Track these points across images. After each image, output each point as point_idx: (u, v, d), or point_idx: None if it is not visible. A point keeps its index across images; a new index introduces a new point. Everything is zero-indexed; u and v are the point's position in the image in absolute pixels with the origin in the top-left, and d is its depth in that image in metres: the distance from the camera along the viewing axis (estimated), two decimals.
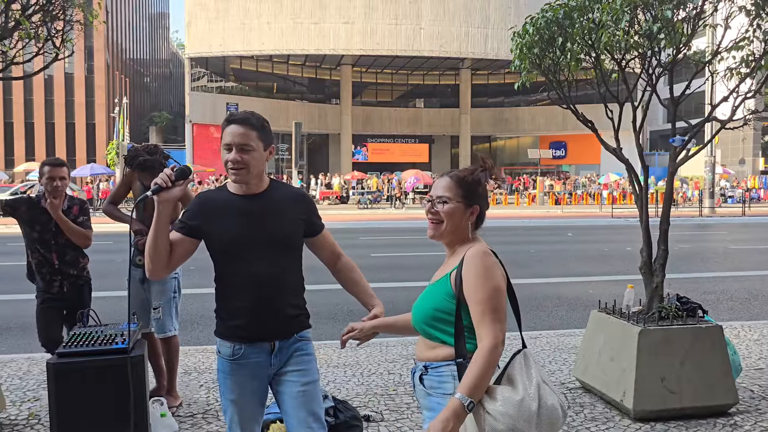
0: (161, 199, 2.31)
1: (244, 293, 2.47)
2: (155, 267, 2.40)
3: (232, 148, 2.40)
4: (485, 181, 2.21)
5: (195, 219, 2.46)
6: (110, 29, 56.48)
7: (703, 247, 15.27)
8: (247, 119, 2.44)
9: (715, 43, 4.48)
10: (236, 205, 2.46)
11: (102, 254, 13.00)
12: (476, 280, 2.03)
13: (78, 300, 4.33)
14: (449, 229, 2.18)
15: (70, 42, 5.23)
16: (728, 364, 4.35)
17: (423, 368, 2.15)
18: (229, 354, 2.50)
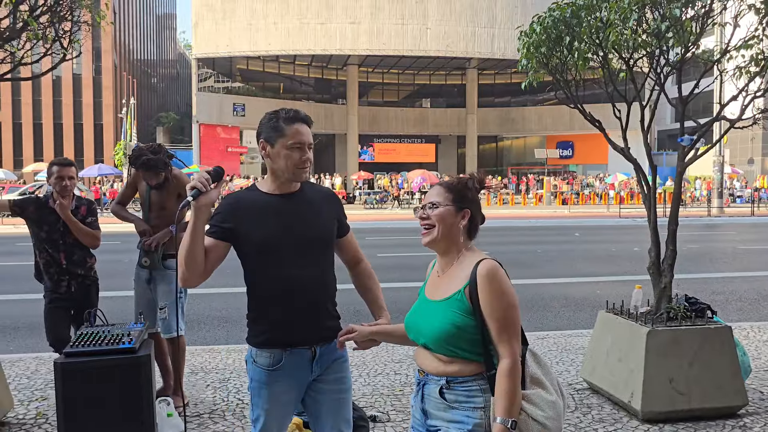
0: (199, 203, 2.23)
1: (284, 296, 2.36)
2: (191, 275, 2.28)
3: (304, 147, 2.36)
4: (473, 188, 2.21)
5: (228, 221, 2.35)
6: (118, 30, 56.72)
7: (712, 247, 15.19)
8: (309, 119, 2.42)
9: (724, 41, 4.45)
10: (273, 205, 2.38)
11: (109, 254, 13.04)
12: (492, 297, 2.05)
13: (85, 300, 4.34)
14: (442, 233, 2.16)
15: (77, 43, 5.24)
16: (737, 365, 4.31)
17: (446, 383, 2.11)
18: (268, 363, 2.38)
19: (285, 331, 2.36)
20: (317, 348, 2.40)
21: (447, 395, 2.11)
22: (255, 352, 2.41)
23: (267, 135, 2.37)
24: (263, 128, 2.39)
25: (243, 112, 43.81)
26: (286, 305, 2.35)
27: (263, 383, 2.39)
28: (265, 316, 2.39)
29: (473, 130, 47.84)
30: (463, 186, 2.20)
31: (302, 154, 2.35)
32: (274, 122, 2.36)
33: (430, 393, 2.16)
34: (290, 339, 2.37)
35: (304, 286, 2.37)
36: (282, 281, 2.34)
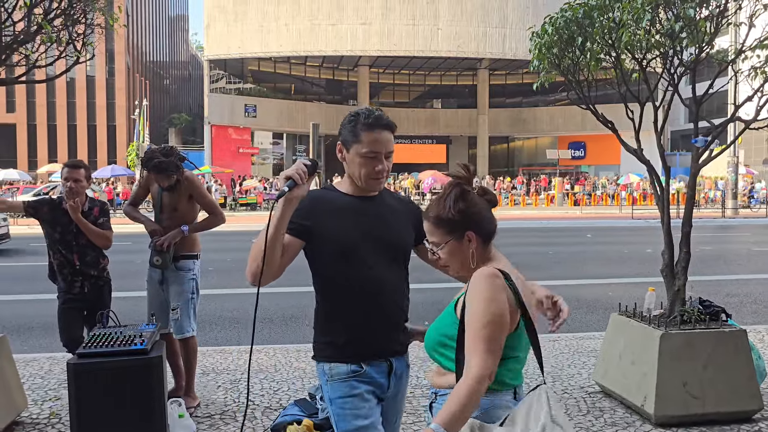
0: (291, 195, 2.05)
1: (366, 302, 2.21)
2: (268, 270, 2.07)
3: (380, 156, 2.20)
4: (460, 199, 1.96)
5: (308, 219, 2.19)
6: (130, 32, 57.13)
7: (726, 248, 15.05)
8: (392, 124, 2.24)
9: (739, 41, 4.41)
10: (352, 206, 2.25)
11: (121, 255, 13.13)
12: (475, 304, 1.84)
13: (98, 300, 4.37)
14: (458, 267, 2.01)
15: (91, 45, 5.28)
16: (753, 369, 4.27)
17: (434, 395, 2.03)
18: (348, 371, 2.20)
19: (365, 339, 2.21)
20: (393, 360, 2.28)
21: (434, 408, 2.03)
22: (329, 366, 2.22)
23: (344, 138, 2.24)
24: (343, 129, 2.25)
25: (254, 113, 43.95)
26: (367, 309, 2.21)
27: (347, 395, 2.19)
28: (341, 324, 2.22)
29: (484, 130, 47.71)
30: (447, 212, 1.96)
31: (377, 164, 2.20)
32: (353, 126, 2.21)
33: (427, 408, 2.10)
34: (370, 349, 2.22)
35: (384, 290, 2.24)
36: (364, 283, 2.20)
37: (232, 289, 9.56)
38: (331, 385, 2.21)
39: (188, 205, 4.52)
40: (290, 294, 9.09)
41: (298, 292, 9.15)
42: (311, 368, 5.44)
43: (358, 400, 2.19)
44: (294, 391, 4.84)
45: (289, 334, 6.92)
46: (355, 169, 2.22)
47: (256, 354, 5.88)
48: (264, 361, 5.66)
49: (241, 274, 7.12)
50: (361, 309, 2.21)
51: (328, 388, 2.22)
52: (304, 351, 5.96)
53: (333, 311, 2.24)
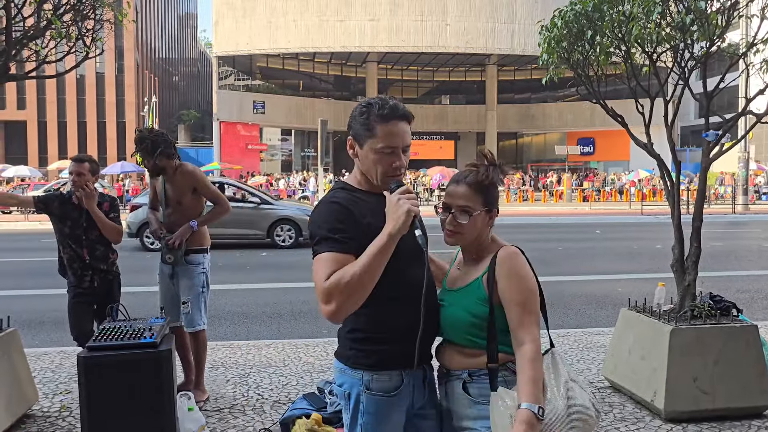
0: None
1: (407, 307, 1.98)
2: (356, 305, 1.87)
3: (397, 151, 1.99)
4: (498, 181, 2.09)
5: (355, 231, 1.93)
6: (139, 29, 57.32)
7: (737, 244, 14.94)
8: (409, 114, 2.02)
9: (751, 34, 4.36)
10: (381, 204, 1.95)
11: (131, 250, 13.22)
12: (513, 281, 1.98)
13: (108, 294, 4.40)
14: (470, 239, 2.09)
15: (100, 41, 5.29)
16: (764, 364, 4.24)
17: (468, 376, 2.04)
18: (388, 388, 2.01)
19: (407, 344, 1.98)
20: (425, 368, 2.13)
21: (471, 389, 2.04)
22: (370, 377, 2.01)
23: (356, 132, 2.01)
24: (353, 122, 2.02)
25: (263, 110, 44.03)
26: (407, 317, 1.98)
27: (382, 415, 2.02)
28: (383, 329, 2.01)
29: (493, 126, 47.59)
30: (491, 184, 2.08)
31: (394, 160, 1.98)
32: (365, 118, 1.98)
33: (453, 390, 2.08)
34: (409, 360, 2.00)
35: (424, 296, 1.99)
36: (405, 289, 2.00)
37: (240, 284, 9.58)
38: (368, 396, 2.02)
39: (192, 199, 4.54)
40: (300, 289, 9.12)
41: (306, 287, 9.17)
42: (320, 363, 5.45)
43: (392, 425, 2.05)
44: (303, 386, 4.85)
45: (299, 329, 6.93)
46: (371, 167, 2.00)
47: (264, 348, 5.90)
48: (273, 355, 5.68)
49: (249, 270, 7.21)
50: (405, 315, 1.99)
51: (364, 399, 2.02)
52: (312, 346, 5.97)
53: (375, 317, 2.00)
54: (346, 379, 2.06)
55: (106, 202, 4.44)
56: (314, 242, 1.95)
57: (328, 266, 1.86)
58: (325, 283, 1.83)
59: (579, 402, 1.97)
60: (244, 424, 4.12)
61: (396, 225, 1.84)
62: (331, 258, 1.88)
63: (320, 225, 1.95)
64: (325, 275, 1.84)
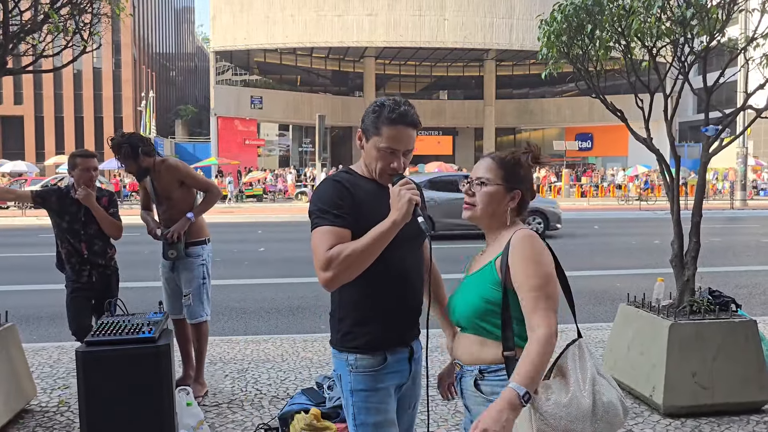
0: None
1: (396, 291, 2.16)
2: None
3: (397, 153, 2.12)
4: (527, 164, 2.06)
5: (352, 208, 2.09)
6: (137, 24, 57.12)
7: (735, 240, 14.97)
8: (417, 121, 2.14)
9: (750, 29, 4.35)
10: (380, 193, 2.13)
11: (129, 245, 13.18)
12: (526, 264, 1.90)
13: (106, 289, 4.39)
14: (486, 213, 2.05)
15: (97, 35, 5.27)
16: (762, 359, 4.24)
17: (479, 373, 2.00)
18: (373, 365, 2.14)
19: (395, 330, 2.17)
20: (412, 345, 2.26)
21: (482, 387, 2.00)
22: (354, 357, 2.15)
23: (365, 127, 2.16)
24: (366, 117, 2.16)
25: (260, 105, 43.92)
26: (397, 299, 2.16)
27: (371, 390, 2.14)
28: (370, 314, 2.15)
29: (491, 122, 47.53)
30: (516, 162, 2.05)
31: (392, 160, 2.12)
32: (375, 117, 2.11)
33: (467, 386, 2.06)
34: (396, 339, 2.18)
35: (410, 277, 2.21)
36: (393, 272, 2.13)
37: (239, 279, 9.58)
38: (354, 375, 2.15)
39: (182, 192, 4.51)
40: (297, 285, 9.11)
41: (304, 283, 9.17)
42: (318, 358, 5.44)
43: (383, 395, 2.16)
44: (301, 381, 4.85)
45: (296, 324, 6.93)
46: (371, 161, 2.16)
47: (263, 344, 5.90)
48: (271, 350, 5.67)
49: (247, 265, 7.19)
50: (391, 299, 2.16)
51: (351, 379, 2.16)
52: (311, 341, 5.97)
53: (362, 301, 2.15)
54: (336, 362, 2.23)
55: (104, 197, 4.42)
56: (316, 215, 2.09)
57: (329, 238, 2.03)
58: (327, 253, 2.00)
59: (606, 399, 1.85)
60: (243, 419, 4.11)
61: (400, 213, 2.00)
62: (332, 231, 2.04)
63: (323, 200, 2.10)
64: (328, 245, 2.01)
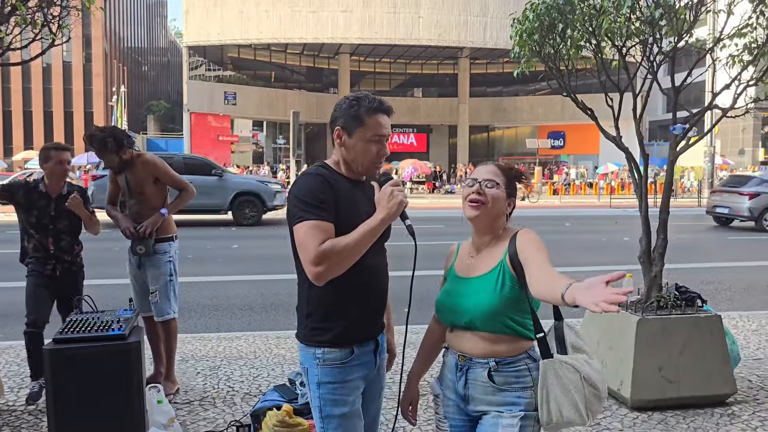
0: None
1: (364, 288, 2.23)
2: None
3: (383, 140, 2.24)
4: (520, 179, 2.31)
5: (332, 204, 2.13)
6: (108, 18, 56.17)
7: (702, 237, 15.28)
8: (391, 109, 2.29)
9: (717, 30, 4.45)
10: (354, 191, 2.22)
11: (100, 242, 12.98)
12: (537, 244, 2.12)
13: (71, 286, 4.33)
14: (492, 213, 2.20)
15: (66, 28, 5.17)
16: (727, 354, 4.34)
17: (495, 364, 2.12)
18: (340, 358, 2.19)
19: (361, 325, 2.24)
20: (378, 337, 2.33)
21: (496, 378, 2.12)
22: (321, 351, 2.19)
23: (345, 123, 2.20)
24: (341, 114, 2.21)
25: (234, 101, 43.56)
26: (365, 297, 2.24)
27: (339, 381, 2.19)
28: (338, 310, 2.19)
29: (465, 119, 47.77)
30: (516, 175, 2.29)
31: (380, 147, 2.23)
32: (355, 111, 2.19)
33: (476, 377, 2.15)
34: (363, 333, 2.25)
35: (380, 278, 2.30)
36: (362, 272, 2.17)
37: (212, 276, 9.50)
38: (321, 368, 2.20)
39: (155, 188, 4.46)
40: (271, 281, 9.07)
41: (278, 279, 9.13)
42: (291, 354, 5.43)
43: (350, 388, 2.21)
44: (274, 377, 4.84)
45: (270, 321, 6.90)
46: (358, 155, 2.21)
47: (235, 341, 5.86)
48: (244, 347, 5.64)
49: (220, 262, 7.10)
50: (359, 295, 2.22)
51: (318, 372, 2.20)
52: (284, 338, 5.95)
53: (330, 297, 2.18)
54: (303, 356, 2.26)
55: (75, 192, 4.36)
56: (300, 208, 2.10)
57: (318, 232, 2.06)
58: (319, 248, 2.03)
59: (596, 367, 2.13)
60: (215, 416, 4.09)
61: (389, 212, 2.07)
62: (320, 225, 2.07)
63: (306, 194, 2.12)
64: (319, 240, 2.04)
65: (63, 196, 4.28)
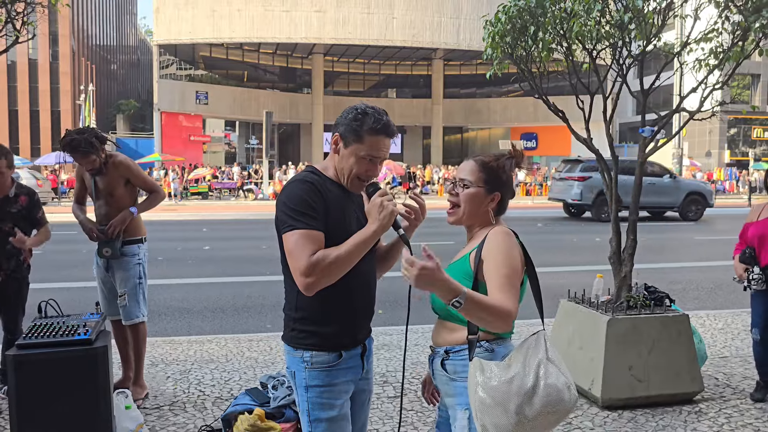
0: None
1: (354, 293, 2.22)
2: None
3: (376, 161, 2.19)
4: (510, 170, 2.21)
5: (321, 211, 2.11)
6: (75, 14, 55.17)
7: (670, 237, 15.54)
8: (395, 132, 2.25)
9: (685, 34, 4.52)
10: (345, 197, 2.21)
11: (67, 244, 12.73)
12: (498, 256, 2.04)
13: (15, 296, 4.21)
14: (467, 214, 2.19)
15: (31, 25, 5.05)
16: (694, 352, 4.42)
17: (444, 353, 2.13)
18: (328, 361, 2.18)
19: (349, 329, 2.23)
20: (366, 342, 2.32)
21: (447, 366, 2.14)
22: (309, 355, 2.18)
23: (344, 133, 2.17)
24: (344, 123, 2.18)
25: (206, 101, 43.11)
26: (354, 302, 2.23)
27: (326, 385, 2.18)
28: (328, 315, 2.18)
29: (439, 120, 47.97)
30: (499, 168, 2.20)
31: (370, 167, 2.18)
32: (357, 125, 2.15)
33: (436, 367, 2.20)
34: (351, 338, 2.24)
35: (369, 283, 2.29)
36: (352, 278, 2.14)
37: (183, 278, 9.37)
38: (309, 372, 2.18)
39: (125, 191, 4.37)
40: (243, 284, 8.99)
41: (250, 282, 9.05)
42: (263, 357, 5.38)
43: (337, 391, 2.20)
44: (246, 381, 4.78)
45: (241, 324, 6.83)
46: (346, 167, 2.18)
47: (206, 344, 5.79)
48: (215, 351, 5.57)
49: (190, 264, 6.98)
50: (349, 301, 2.21)
51: (306, 375, 2.19)
52: (256, 340, 5.89)
53: (319, 301, 2.15)
54: (290, 359, 2.23)
55: (23, 195, 4.22)
56: (290, 216, 2.07)
57: (309, 242, 2.04)
58: (310, 259, 2.01)
59: (551, 381, 1.93)
60: (185, 421, 4.03)
61: (381, 224, 2.05)
62: (310, 235, 2.05)
63: (296, 201, 2.09)
64: (310, 251, 2.03)
65: (8, 198, 4.15)
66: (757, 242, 4.36)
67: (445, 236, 1.82)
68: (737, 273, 4.48)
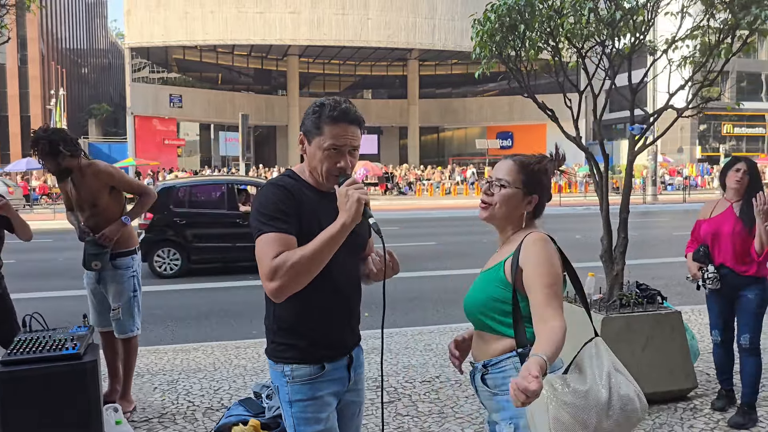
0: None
1: (335, 302, 2.12)
2: (299, 286, 1.95)
3: (342, 151, 2.05)
4: (551, 173, 2.14)
5: (297, 216, 2.01)
6: (45, 18, 54.15)
7: (649, 233, 15.71)
8: (360, 119, 2.09)
9: (671, 32, 4.53)
10: (323, 202, 2.09)
11: (43, 252, 12.43)
12: (540, 267, 1.94)
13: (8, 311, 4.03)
14: (501, 214, 2.10)
15: (4, 28, 4.91)
16: (687, 348, 4.42)
17: (482, 367, 2.04)
18: (310, 373, 2.09)
19: (330, 340, 2.13)
20: (353, 352, 2.23)
21: (488, 380, 2.05)
22: (289, 368, 2.09)
23: (306, 129, 2.09)
24: (306, 120, 2.10)
25: (180, 104, 42.63)
26: (335, 309, 2.13)
27: (309, 398, 2.09)
28: (308, 325, 2.09)
29: (415, 121, 48.05)
30: (541, 170, 2.12)
31: (338, 159, 2.05)
32: (316, 117, 2.05)
33: (477, 383, 2.10)
34: (334, 348, 2.14)
35: (350, 293, 2.18)
36: (331, 288, 2.08)
37: (160, 286, 9.20)
38: (291, 386, 2.10)
39: (110, 199, 4.15)
40: (228, 289, 8.86)
41: (235, 287, 8.92)
42: (252, 365, 5.28)
43: (321, 404, 2.11)
44: (236, 390, 4.68)
45: (228, 331, 6.70)
46: (317, 164, 2.07)
47: (193, 352, 5.67)
48: (202, 359, 5.46)
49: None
50: (330, 310, 2.12)
51: (288, 390, 2.11)
52: (244, 347, 5.78)
53: (294, 311, 2.08)
54: (273, 374, 2.16)
55: None
56: (259, 221, 1.99)
57: (275, 245, 1.93)
58: (272, 262, 1.90)
59: (623, 392, 1.90)
60: None
61: (349, 215, 1.93)
62: (278, 238, 1.95)
63: (266, 206, 2.00)
64: (274, 253, 1.91)
65: None
66: (710, 240, 4.19)
67: (426, 237, 1.78)
68: (691, 272, 4.30)
